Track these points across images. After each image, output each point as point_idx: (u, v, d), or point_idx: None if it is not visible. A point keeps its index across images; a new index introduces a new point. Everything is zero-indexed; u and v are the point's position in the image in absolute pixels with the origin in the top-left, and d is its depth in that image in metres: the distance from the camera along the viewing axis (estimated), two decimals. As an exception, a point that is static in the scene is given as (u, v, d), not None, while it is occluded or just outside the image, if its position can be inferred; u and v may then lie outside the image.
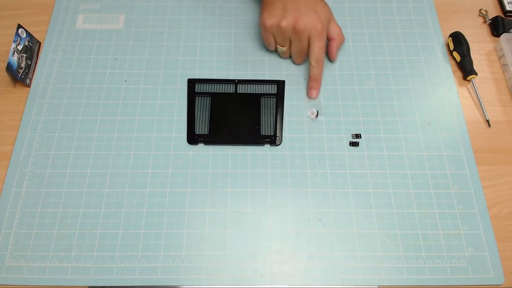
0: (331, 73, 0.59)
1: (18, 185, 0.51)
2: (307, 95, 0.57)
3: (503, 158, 0.54)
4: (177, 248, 0.48)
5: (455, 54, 0.59)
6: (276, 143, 0.53)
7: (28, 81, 0.57)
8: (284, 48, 0.56)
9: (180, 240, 0.48)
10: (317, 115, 0.54)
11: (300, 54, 0.56)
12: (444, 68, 0.59)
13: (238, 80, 0.57)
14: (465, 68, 0.58)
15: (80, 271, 0.46)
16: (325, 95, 0.57)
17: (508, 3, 0.64)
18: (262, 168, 0.52)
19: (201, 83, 0.57)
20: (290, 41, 0.55)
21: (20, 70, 0.56)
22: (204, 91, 0.57)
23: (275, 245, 0.48)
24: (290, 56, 0.58)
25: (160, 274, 0.46)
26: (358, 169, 0.52)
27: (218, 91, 0.56)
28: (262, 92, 0.57)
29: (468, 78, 0.58)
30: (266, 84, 0.57)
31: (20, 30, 0.57)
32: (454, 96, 0.57)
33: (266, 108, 0.55)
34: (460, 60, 0.59)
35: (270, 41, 0.56)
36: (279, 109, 0.55)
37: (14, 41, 0.55)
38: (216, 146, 0.53)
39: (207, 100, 0.56)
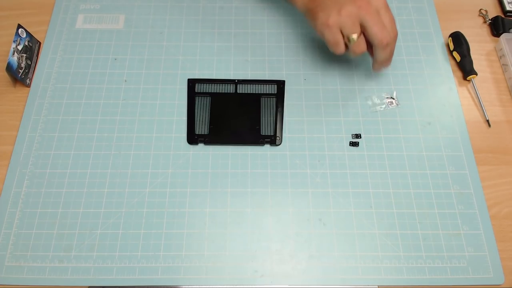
0: (331, 73, 0.59)
1: (18, 185, 0.51)
2: (376, 70, 0.55)
3: (503, 158, 0.54)
4: (177, 248, 0.48)
5: (455, 54, 0.59)
6: (276, 143, 0.53)
7: (28, 81, 0.57)
8: (356, 35, 0.49)
9: (180, 240, 0.48)
10: (393, 101, 0.53)
11: (381, 27, 0.49)
12: (444, 68, 0.59)
13: (238, 80, 0.57)
14: (465, 68, 0.58)
15: (80, 271, 0.46)
16: (325, 95, 0.57)
17: (508, 3, 0.64)
18: (262, 168, 0.52)
19: (201, 83, 0.57)
20: (360, 26, 0.50)
21: (20, 70, 0.56)
22: (204, 91, 0.57)
23: (275, 245, 0.48)
24: (358, 53, 0.52)
25: (160, 274, 0.46)
26: (358, 169, 0.52)
27: (218, 91, 0.56)
28: (262, 92, 0.57)
29: (468, 78, 0.58)
30: (266, 84, 0.57)
31: (20, 30, 0.57)
32: (454, 96, 0.57)
33: (266, 108, 0.55)
34: (460, 60, 0.59)
35: (338, 38, 0.50)
36: (279, 109, 0.55)
37: (14, 41, 0.55)
38: (216, 146, 0.53)
39: (207, 100, 0.56)
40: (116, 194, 0.50)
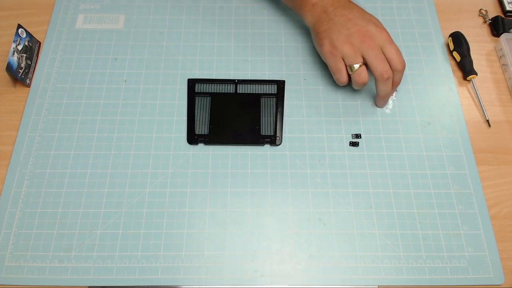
0: (331, 73, 0.59)
1: (18, 185, 0.51)
2: (379, 105, 0.56)
3: (503, 158, 0.54)
4: (177, 248, 0.48)
5: (455, 54, 0.59)
6: (276, 143, 0.53)
7: (28, 81, 0.57)
8: (358, 65, 0.51)
9: (180, 240, 0.48)
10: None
11: (381, 61, 0.51)
12: (444, 68, 0.59)
13: (238, 80, 0.57)
14: (465, 68, 0.58)
15: (80, 271, 0.46)
16: (325, 95, 0.57)
17: (508, 3, 0.64)
18: (262, 168, 0.52)
19: (201, 83, 0.57)
20: (362, 58, 0.51)
21: (20, 70, 0.56)
22: (204, 91, 0.57)
23: (275, 245, 0.48)
24: (359, 83, 0.52)
25: (160, 274, 0.46)
26: (358, 169, 0.52)
27: (218, 91, 0.56)
28: (262, 92, 0.57)
29: (468, 78, 0.58)
30: (266, 84, 0.57)
31: (20, 30, 0.57)
32: (454, 96, 0.57)
33: (266, 108, 0.55)
34: (460, 60, 0.59)
35: (340, 67, 0.52)
36: (279, 109, 0.55)
37: (14, 41, 0.55)
38: (216, 146, 0.53)
39: (207, 100, 0.56)
40: (116, 194, 0.50)
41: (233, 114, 0.55)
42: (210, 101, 0.56)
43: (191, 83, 0.57)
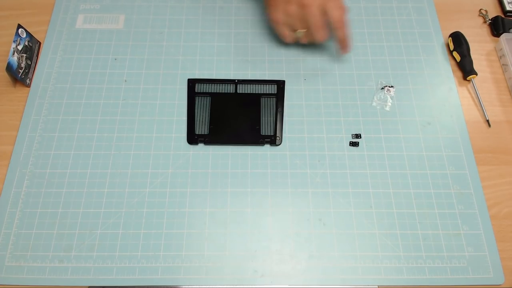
0: (331, 73, 0.59)
1: (18, 185, 0.51)
2: (340, 53, 0.58)
3: (503, 158, 0.54)
4: (177, 248, 0.48)
5: (455, 54, 0.59)
6: (276, 143, 0.53)
7: (28, 81, 0.57)
8: (303, 30, 0.55)
9: (180, 240, 0.48)
10: (391, 89, 0.54)
11: (318, 27, 0.54)
12: (444, 68, 0.59)
13: (238, 80, 0.57)
14: (465, 68, 0.58)
15: (80, 271, 0.46)
16: (325, 95, 0.57)
17: (508, 3, 0.64)
18: (262, 168, 0.52)
19: (201, 83, 0.57)
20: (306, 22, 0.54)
21: (20, 70, 0.56)
22: (204, 91, 0.57)
23: (275, 245, 0.48)
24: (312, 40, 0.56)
25: (160, 274, 0.46)
26: (358, 169, 0.52)
27: (218, 91, 0.56)
28: (262, 92, 0.57)
29: (468, 78, 0.58)
30: (266, 84, 0.57)
31: (20, 30, 0.57)
32: (454, 96, 0.57)
33: (266, 108, 0.55)
34: (460, 60, 0.59)
35: (285, 33, 0.56)
36: (279, 109, 0.55)
37: (14, 41, 0.55)
38: (216, 146, 0.53)
39: (207, 100, 0.56)
40: (116, 194, 0.50)
41: (233, 114, 0.55)
42: (210, 101, 0.56)
43: (191, 83, 0.57)
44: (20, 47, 0.56)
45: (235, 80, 0.57)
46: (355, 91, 0.57)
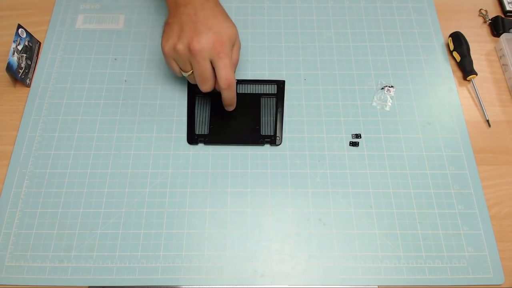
0: (331, 73, 0.59)
1: (18, 185, 0.51)
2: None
3: (503, 158, 0.54)
4: (177, 248, 0.48)
5: (455, 54, 0.59)
6: (276, 143, 0.53)
7: (28, 81, 0.57)
8: (188, 74, 0.50)
9: (180, 240, 0.48)
10: (391, 89, 0.53)
11: (202, 79, 0.49)
12: (444, 68, 0.59)
13: (238, 80, 0.57)
14: (465, 68, 0.58)
15: (80, 271, 0.46)
16: (325, 95, 0.57)
17: (508, 3, 0.64)
18: (262, 168, 0.52)
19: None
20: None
21: (20, 70, 0.56)
22: None
23: (275, 245, 0.48)
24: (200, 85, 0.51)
25: (160, 274, 0.46)
26: (358, 169, 0.52)
27: (218, 91, 0.56)
28: (262, 92, 0.57)
29: (468, 78, 0.58)
30: (266, 84, 0.57)
31: (20, 30, 0.57)
32: (454, 96, 0.57)
33: (266, 108, 0.55)
34: (460, 60, 0.59)
35: (173, 66, 0.51)
36: (279, 109, 0.55)
37: (14, 41, 0.55)
38: (216, 146, 0.53)
39: (207, 100, 0.56)
40: (116, 194, 0.50)
41: (233, 114, 0.55)
42: (210, 101, 0.56)
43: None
44: (20, 47, 0.56)
45: None
46: (355, 91, 0.57)
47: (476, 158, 0.53)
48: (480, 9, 0.65)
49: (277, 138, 0.54)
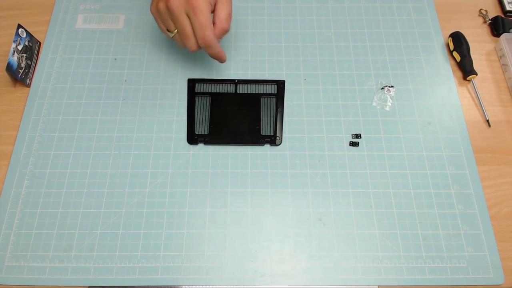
0: (331, 73, 0.59)
1: (18, 185, 0.51)
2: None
3: (503, 158, 0.54)
4: (177, 248, 0.48)
5: (455, 54, 0.59)
6: (276, 143, 0.53)
7: (28, 81, 0.57)
8: (172, 33, 0.50)
9: (180, 240, 0.48)
10: (391, 89, 0.53)
11: (184, 36, 0.48)
12: (444, 68, 0.59)
13: (238, 80, 0.57)
14: (465, 68, 0.58)
15: (80, 271, 0.46)
16: (325, 95, 0.57)
17: (508, 3, 0.64)
18: (262, 168, 0.52)
19: (201, 83, 0.57)
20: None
21: (20, 70, 0.56)
22: (204, 91, 0.57)
23: (275, 245, 0.48)
24: (182, 46, 0.52)
25: (160, 274, 0.46)
26: (358, 169, 0.52)
27: (218, 91, 0.56)
28: (262, 92, 0.57)
29: (468, 78, 0.58)
30: (266, 84, 0.57)
31: (20, 30, 0.57)
32: (454, 96, 0.57)
33: (266, 108, 0.55)
34: (460, 60, 0.59)
35: (161, 27, 0.51)
36: (279, 109, 0.55)
37: (14, 41, 0.55)
38: (216, 146, 0.53)
39: (207, 100, 0.56)
40: (116, 194, 0.50)
41: (233, 114, 0.55)
42: (210, 101, 0.56)
43: (191, 83, 0.57)
44: (20, 47, 0.56)
45: (235, 80, 0.57)
46: (355, 91, 0.57)
47: (476, 158, 0.53)
48: (480, 9, 0.65)
49: (277, 138, 0.54)
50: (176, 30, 0.49)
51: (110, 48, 0.60)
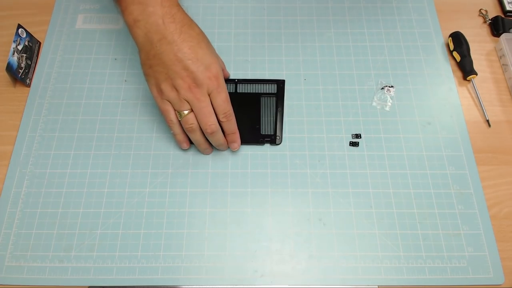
0: (331, 73, 0.59)
1: (18, 185, 0.51)
2: (230, 148, 0.52)
3: (503, 158, 0.54)
4: (177, 248, 0.48)
5: (455, 54, 0.59)
6: (276, 143, 0.53)
7: (28, 81, 0.57)
8: (186, 111, 0.47)
9: (180, 240, 0.48)
10: (391, 89, 0.52)
11: (206, 114, 0.47)
12: (444, 68, 0.59)
13: (238, 79, 0.57)
14: (465, 68, 0.58)
15: (80, 271, 0.46)
16: (325, 95, 0.57)
17: (508, 3, 0.64)
18: (262, 168, 0.52)
19: None
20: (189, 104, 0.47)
21: (20, 70, 0.56)
22: None
23: (275, 245, 0.48)
24: (190, 130, 0.49)
25: (160, 274, 0.46)
26: (358, 169, 0.52)
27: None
28: (262, 92, 0.57)
29: (468, 78, 0.58)
30: (266, 84, 0.57)
31: (20, 30, 0.57)
32: (454, 96, 0.57)
33: (266, 108, 0.55)
34: (460, 60, 0.59)
35: (168, 108, 0.47)
36: (279, 109, 0.55)
37: (14, 41, 0.55)
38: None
39: None
40: (116, 194, 0.50)
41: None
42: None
43: None
44: (20, 47, 0.56)
45: (235, 79, 0.57)
46: (355, 91, 0.57)
47: (476, 158, 0.53)
48: (480, 9, 0.65)
49: (277, 137, 0.54)
50: (187, 111, 0.47)
51: (110, 48, 0.60)
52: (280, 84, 0.57)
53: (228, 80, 0.57)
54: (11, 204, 0.50)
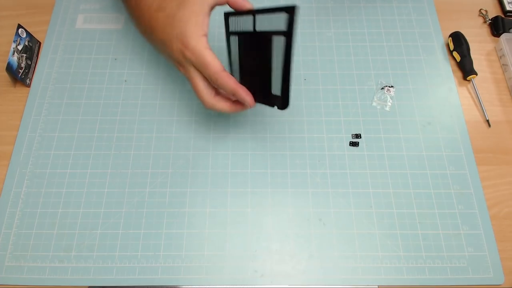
0: (331, 73, 0.59)
1: (18, 185, 0.51)
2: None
3: (503, 158, 0.54)
4: (177, 248, 0.48)
5: (455, 54, 0.59)
6: (283, 107, 0.44)
7: (28, 81, 0.57)
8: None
9: (180, 240, 0.48)
10: (391, 89, 0.51)
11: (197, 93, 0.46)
12: (444, 68, 0.59)
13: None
14: (465, 68, 0.58)
15: (80, 271, 0.46)
16: (325, 95, 0.57)
17: (508, 3, 0.64)
18: (262, 168, 0.52)
19: (236, 16, 0.45)
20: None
21: (20, 70, 0.56)
22: (237, 30, 0.45)
23: (275, 245, 0.48)
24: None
25: (160, 274, 0.46)
26: (358, 169, 0.52)
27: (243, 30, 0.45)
28: (270, 30, 0.41)
29: (468, 78, 0.58)
30: (273, 13, 0.40)
31: (20, 30, 0.57)
32: (454, 96, 0.57)
33: (276, 54, 0.42)
34: (460, 60, 0.59)
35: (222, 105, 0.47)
36: (286, 59, 0.41)
37: (14, 41, 0.55)
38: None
39: (235, 41, 0.46)
40: (116, 194, 0.50)
41: (250, 60, 0.45)
42: (238, 42, 0.45)
43: (226, 16, 0.46)
44: (20, 47, 0.56)
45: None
46: (355, 91, 0.57)
47: (476, 158, 0.53)
48: (480, 9, 0.65)
49: (284, 101, 0.43)
50: None
51: (110, 48, 0.60)
52: (290, 13, 0.38)
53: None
54: (11, 204, 0.50)
